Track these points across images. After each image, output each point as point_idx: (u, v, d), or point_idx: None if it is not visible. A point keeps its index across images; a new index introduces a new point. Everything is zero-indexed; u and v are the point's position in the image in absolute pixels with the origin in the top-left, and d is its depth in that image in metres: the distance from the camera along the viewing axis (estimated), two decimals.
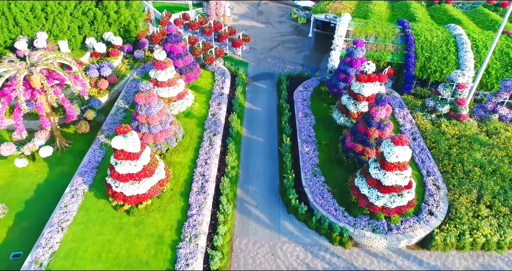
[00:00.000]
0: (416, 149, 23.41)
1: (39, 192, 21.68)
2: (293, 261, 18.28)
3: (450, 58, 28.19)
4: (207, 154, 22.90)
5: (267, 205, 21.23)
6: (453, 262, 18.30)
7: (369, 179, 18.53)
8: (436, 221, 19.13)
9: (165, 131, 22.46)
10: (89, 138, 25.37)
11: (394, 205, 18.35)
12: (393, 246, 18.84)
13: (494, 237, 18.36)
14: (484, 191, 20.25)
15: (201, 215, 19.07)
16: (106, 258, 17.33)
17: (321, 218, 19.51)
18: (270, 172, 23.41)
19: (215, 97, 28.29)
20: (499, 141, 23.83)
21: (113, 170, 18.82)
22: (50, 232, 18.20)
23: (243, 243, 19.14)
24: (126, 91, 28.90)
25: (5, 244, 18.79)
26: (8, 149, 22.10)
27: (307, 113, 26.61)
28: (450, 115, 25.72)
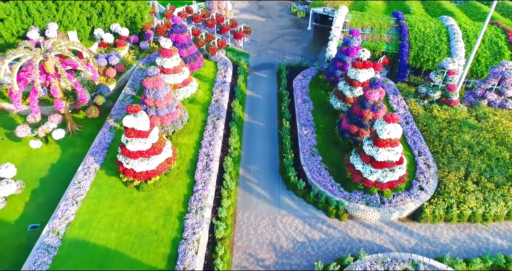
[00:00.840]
0: (408, 132, 24.61)
1: (53, 171, 22.85)
2: (292, 231, 19.49)
3: (442, 47, 29.39)
4: (211, 136, 24.09)
5: (268, 182, 22.43)
6: (441, 233, 19.51)
7: (363, 155, 19.73)
8: (426, 195, 20.34)
9: (172, 114, 23.67)
10: (98, 123, 26.55)
11: (386, 180, 19.55)
12: (385, 219, 20.05)
13: (480, 209, 19.55)
14: (472, 168, 21.46)
15: (206, 190, 20.27)
16: (118, 228, 18.53)
17: (318, 193, 20.72)
18: (271, 153, 24.61)
19: (218, 85, 29.47)
20: (487, 125, 25.02)
21: (124, 148, 20.02)
22: (65, 205, 19.40)
23: (245, 216, 20.35)
24: (133, 79, 30.07)
25: (23, 217, 19.97)
26: (24, 131, 23.29)
27: (305, 100, 27.80)
28: (441, 101, 26.91)
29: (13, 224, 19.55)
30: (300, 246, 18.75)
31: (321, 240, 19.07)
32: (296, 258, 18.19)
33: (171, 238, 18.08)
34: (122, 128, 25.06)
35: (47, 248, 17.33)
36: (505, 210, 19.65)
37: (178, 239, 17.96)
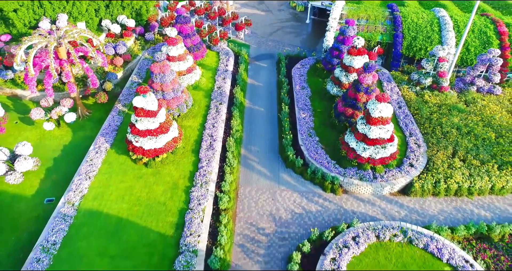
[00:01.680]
0: (401, 115, 25.91)
1: (65, 152, 24.16)
2: (291, 204, 20.82)
3: (434, 37, 30.69)
4: (214, 119, 25.40)
5: (268, 161, 23.75)
6: (429, 205, 20.84)
7: (357, 134, 21.05)
8: (415, 171, 21.66)
9: (177, 98, 24.97)
10: (107, 108, 27.83)
11: (378, 156, 20.86)
12: (377, 193, 21.38)
13: (466, 184, 20.86)
14: (459, 147, 22.77)
15: (210, 167, 21.59)
16: (129, 200, 19.87)
17: (315, 170, 22.03)
18: (270, 135, 25.92)
19: (220, 73, 30.76)
20: (475, 109, 26.33)
21: (134, 127, 21.34)
22: (79, 180, 20.72)
23: (247, 190, 21.68)
24: (139, 68, 31.36)
25: (39, 192, 21.29)
26: (38, 113, 24.58)
27: (304, 86, 29.10)
28: (432, 87, 28.21)
29: (30, 198, 20.87)
30: (298, 217, 20.08)
31: (317, 211, 20.40)
32: (294, 227, 19.52)
33: (178, 208, 19.41)
34: (130, 112, 26.37)
35: (63, 217, 18.66)
36: (489, 184, 20.95)
37: (185, 210, 19.29)
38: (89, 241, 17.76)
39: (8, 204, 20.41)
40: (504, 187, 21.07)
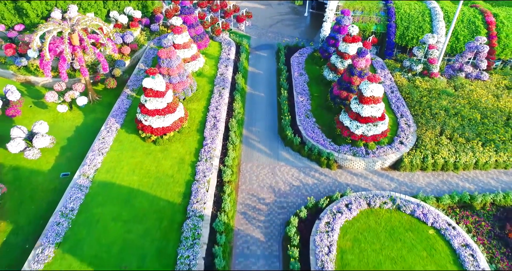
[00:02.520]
0: (393, 99, 27.37)
1: (78, 132, 25.62)
2: (289, 178, 22.31)
3: (425, 27, 32.15)
4: (218, 102, 26.86)
5: (268, 140, 25.23)
6: (417, 179, 22.33)
7: (351, 113, 22.53)
8: (405, 148, 23.13)
9: (183, 82, 26.44)
10: (115, 93, 29.25)
11: (370, 133, 22.34)
12: (369, 168, 22.87)
13: (451, 159, 22.34)
14: (446, 127, 24.24)
15: (214, 144, 23.07)
16: (139, 173, 21.36)
17: (311, 147, 23.51)
18: (270, 117, 27.39)
19: (222, 61, 32.22)
20: (463, 93, 27.79)
21: (143, 107, 22.82)
22: (93, 155, 22.21)
23: (248, 166, 23.17)
24: (145, 56, 32.81)
25: (55, 167, 22.75)
26: (52, 96, 26.05)
27: (302, 73, 30.57)
28: (423, 73, 29.67)
29: (46, 172, 22.34)
30: (296, 189, 21.58)
31: (313, 184, 21.89)
32: (292, 198, 21.02)
33: (185, 180, 20.91)
34: (138, 96, 27.82)
35: (79, 187, 20.16)
36: (473, 159, 22.42)
37: (191, 181, 20.79)
38: (103, 208, 19.26)
39: (27, 178, 21.88)
40: (487, 162, 22.53)
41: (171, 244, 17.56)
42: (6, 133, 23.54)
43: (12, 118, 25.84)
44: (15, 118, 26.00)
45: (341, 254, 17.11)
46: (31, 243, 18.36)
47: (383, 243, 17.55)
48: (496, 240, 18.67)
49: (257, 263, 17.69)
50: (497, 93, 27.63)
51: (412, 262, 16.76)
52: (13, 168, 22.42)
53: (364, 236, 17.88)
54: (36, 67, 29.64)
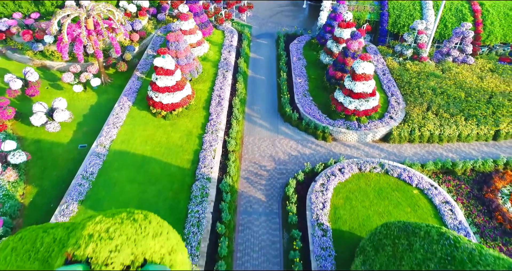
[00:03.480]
0: (384, 80, 29.24)
1: (92, 110, 27.47)
2: (288, 149, 24.20)
3: (416, 15, 34.02)
4: (222, 83, 28.73)
5: (268, 117, 27.10)
6: (405, 149, 24.21)
7: (344, 90, 24.41)
8: (395, 123, 25.01)
9: (189, 64, 28.30)
10: (126, 76, 31.08)
11: (362, 108, 24.22)
12: (362, 140, 24.75)
13: (436, 131, 24.24)
14: (433, 104, 26.12)
15: (219, 119, 24.95)
16: (151, 143, 23.24)
17: (309, 122, 25.39)
18: (270, 97, 29.26)
19: (225, 48, 34.08)
20: (450, 75, 29.67)
21: (154, 85, 24.70)
22: (108, 128, 24.10)
23: (250, 139, 25.06)
24: (153, 43, 34.67)
25: (73, 140, 24.60)
26: (69, 77, 27.91)
27: (300, 58, 32.44)
28: (413, 58, 31.55)
29: (65, 144, 24.21)
30: (294, 158, 23.48)
31: (310, 154, 23.78)
32: (290, 165, 22.91)
33: (193, 149, 22.80)
34: (148, 78, 29.67)
35: (97, 155, 22.05)
36: (456, 132, 24.31)
37: (199, 150, 22.68)
38: (120, 172, 21.15)
39: (48, 149, 23.75)
40: (470, 134, 24.42)
41: (182, 202, 19.45)
42: (26, 110, 25.49)
43: (31, 97, 27.65)
44: (34, 98, 27.81)
45: (334, 209, 19.00)
46: (55, 203, 20.24)
47: (371, 201, 19.44)
48: (474, 200, 20.57)
49: (259, 219, 19.59)
50: (481, 75, 29.51)
51: (397, 216, 18.65)
52: (35, 140, 24.27)
53: (355, 195, 19.77)
54: (51, 52, 31.50)
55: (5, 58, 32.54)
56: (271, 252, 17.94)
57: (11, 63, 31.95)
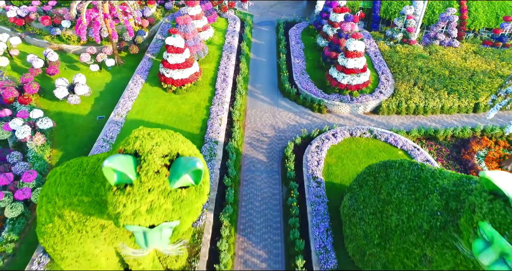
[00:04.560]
0: (376, 61, 31.54)
1: (108, 88, 29.77)
2: (287, 119, 26.52)
3: (406, 2, 36.31)
4: (226, 63, 31.05)
5: (269, 93, 29.42)
6: (393, 120, 26.52)
7: (338, 66, 26.72)
8: (384, 97, 27.31)
9: (196, 46, 30.61)
10: (137, 58, 33.39)
11: (354, 83, 26.53)
12: (354, 112, 27.06)
13: (421, 104, 26.55)
14: (419, 80, 28.45)
15: (224, 93, 27.27)
16: (163, 114, 25.55)
17: (306, 96, 27.70)
18: (271, 77, 31.57)
19: (229, 33, 36.39)
20: (436, 56, 31.97)
21: (165, 62, 27.01)
22: (124, 101, 26.41)
23: (253, 111, 27.38)
24: (161, 29, 36.97)
25: (92, 112, 26.90)
26: (86, 57, 30.22)
27: (298, 42, 34.75)
28: (403, 41, 33.85)
29: (85, 116, 26.50)
30: (292, 127, 25.81)
31: (307, 123, 26.11)
32: (289, 133, 25.22)
33: (201, 118, 25.12)
34: (158, 60, 31.99)
35: (116, 122, 24.38)
36: (439, 105, 26.61)
37: (206, 119, 25.00)
38: None
39: (70, 120, 26.05)
40: (452, 107, 26.73)
41: None
42: (47, 87, 27.81)
43: (51, 76, 29.94)
44: (53, 76, 30.11)
45: (327, 167, 21.35)
46: None
47: (361, 160, 21.77)
48: (452, 161, 22.91)
49: (261, 176, 21.94)
50: (465, 56, 31.82)
51: None
52: (57, 113, 26.57)
53: (346, 155, 22.11)
54: (68, 37, 33.80)
55: (24, 43, 34.83)
56: (271, 202, 20.30)
57: (30, 47, 34.24)
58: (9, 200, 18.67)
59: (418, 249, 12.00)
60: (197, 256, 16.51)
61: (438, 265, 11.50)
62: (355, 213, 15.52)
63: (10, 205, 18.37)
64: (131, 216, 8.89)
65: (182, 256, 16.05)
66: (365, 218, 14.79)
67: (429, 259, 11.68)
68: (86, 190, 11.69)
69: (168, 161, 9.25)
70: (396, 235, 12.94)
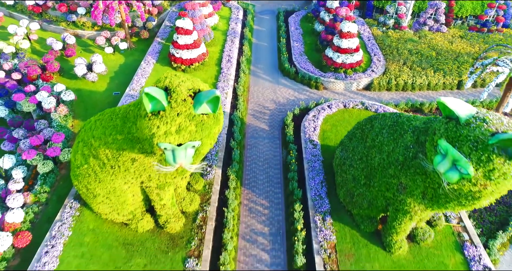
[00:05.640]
0: (369, 44, 33.81)
1: (121, 68, 32.05)
2: (286, 95, 28.83)
3: None
4: (230, 46, 33.34)
5: (270, 73, 31.72)
6: (384, 96, 28.82)
7: (333, 47, 29.00)
8: (375, 75, 29.60)
9: (203, 30, 32.90)
10: (148, 43, 35.64)
11: (348, 61, 28.83)
12: (348, 88, 29.37)
13: (410, 81, 28.85)
14: (408, 61, 30.76)
15: (229, 72, 29.55)
16: None
17: (304, 75, 30.00)
18: (272, 59, 33.85)
19: (232, 20, 38.66)
20: (425, 40, 34.27)
21: (175, 43, 29.30)
22: (137, 78, 28.70)
23: (255, 88, 29.68)
24: (169, 17, 39.27)
25: (107, 89, 29.17)
26: (101, 40, 32.51)
27: (297, 28, 37.04)
28: (395, 27, 36.14)
29: (102, 92, 28.80)
30: (291, 101, 28.11)
31: (305, 98, 28.40)
32: (288, 106, 27.52)
33: None
34: (167, 44, 34.27)
35: (131, 96, 26.69)
36: (426, 81, 28.91)
37: None
38: None
39: (88, 95, 28.35)
40: (437, 84, 29.03)
41: None
42: (66, 67, 30.11)
43: (69, 57, 32.23)
44: (71, 58, 32.42)
45: (323, 132, 23.65)
46: None
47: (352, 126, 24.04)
48: None
49: (263, 141, 24.26)
50: (452, 40, 34.12)
51: None
52: (76, 89, 28.86)
53: (340, 123, 24.40)
54: (82, 23, 36.09)
55: (41, 30, 37.12)
56: (272, 161, 22.64)
57: (47, 33, 36.52)
58: (40, 158, 20.98)
59: (395, 179, 14.34)
60: (208, 202, 18.83)
61: (411, 190, 13.85)
62: (345, 161, 17.84)
63: (42, 162, 20.69)
64: (163, 136, 11.23)
65: (195, 201, 18.40)
66: (353, 164, 17.11)
67: (404, 186, 14.03)
68: (120, 130, 14.01)
69: (192, 93, 11.58)
70: (379, 172, 15.27)
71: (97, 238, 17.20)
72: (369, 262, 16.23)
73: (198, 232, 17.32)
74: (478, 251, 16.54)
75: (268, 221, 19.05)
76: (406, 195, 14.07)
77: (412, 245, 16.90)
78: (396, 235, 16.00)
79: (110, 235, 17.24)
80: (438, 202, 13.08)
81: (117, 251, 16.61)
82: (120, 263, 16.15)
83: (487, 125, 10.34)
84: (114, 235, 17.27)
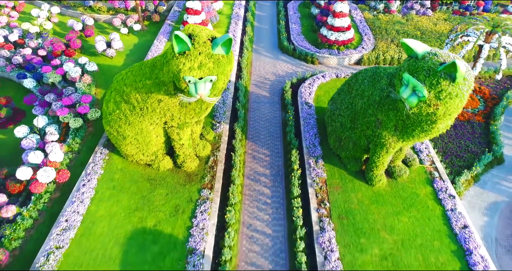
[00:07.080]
0: (360, 26, 36.82)
1: (136, 47, 35.04)
2: (285, 68, 31.87)
3: None
4: (234, 28, 36.34)
5: (270, 50, 34.75)
6: None
7: (328, 26, 32.04)
8: (366, 51, 32.64)
9: (209, 12, 35.90)
10: (158, 26, 38.65)
11: (340, 39, 31.85)
12: (340, 63, 32.40)
13: (396, 56, 31.89)
14: (395, 39, 33.80)
15: (234, 48, 32.53)
16: None
17: (301, 52, 33.04)
18: (272, 39, 36.87)
19: (236, 6, 41.64)
20: (411, 22, 37.30)
21: (185, 22, 32.32)
22: (152, 54, 31.65)
23: (257, 63, 32.73)
24: (178, 3, 42.29)
25: (124, 64, 32.12)
26: (118, 21, 35.51)
27: (295, 12, 40.05)
28: (384, 11, 39.16)
29: (119, 66, 31.81)
30: (289, 74, 31.14)
31: (302, 71, 31.42)
32: (287, 78, 30.54)
33: None
34: (177, 26, 37.30)
35: None
36: None
37: None
38: None
39: (107, 69, 31.36)
40: None
41: None
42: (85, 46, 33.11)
43: (88, 37, 35.24)
44: (90, 38, 35.43)
45: (317, 97, 26.69)
46: None
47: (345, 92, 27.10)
48: None
49: (265, 105, 27.30)
50: (436, 23, 37.15)
51: None
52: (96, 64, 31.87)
53: (333, 90, 27.39)
54: (98, 8, 39.09)
55: (60, 14, 40.13)
56: (273, 120, 25.70)
57: (65, 18, 39.49)
58: (71, 116, 24.04)
59: (373, 117, 17.41)
60: (218, 149, 21.90)
61: (385, 124, 16.93)
62: (334, 112, 20.89)
63: (73, 119, 23.75)
64: (188, 70, 14.31)
65: (207, 147, 21.46)
66: (341, 113, 20.15)
67: (380, 121, 17.11)
68: (148, 76, 17.06)
69: (210, 37, 14.66)
70: (360, 114, 18.33)
71: (125, 175, 20.27)
72: (354, 192, 19.30)
73: (210, 171, 20.38)
74: (445, 184, 19.61)
75: (269, 165, 22.13)
76: (382, 129, 17.13)
77: (390, 180, 19.95)
78: (376, 169, 19.06)
79: (136, 173, 20.30)
80: (407, 131, 16.17)
81: (143, 184, 19.67)
82: (145, 192, 19.22)
83: (437, 58, 13.42)
84: (139, 173, 20.33)
